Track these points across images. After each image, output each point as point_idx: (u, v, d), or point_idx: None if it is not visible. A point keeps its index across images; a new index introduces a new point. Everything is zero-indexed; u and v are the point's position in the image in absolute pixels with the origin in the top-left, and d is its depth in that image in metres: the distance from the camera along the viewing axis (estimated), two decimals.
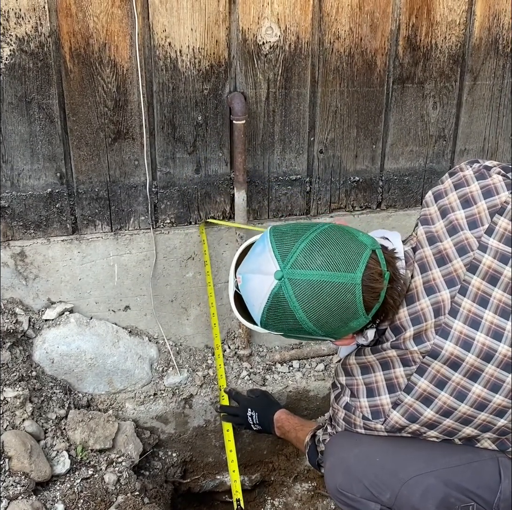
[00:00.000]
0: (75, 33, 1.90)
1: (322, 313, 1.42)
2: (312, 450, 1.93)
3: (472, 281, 1.47)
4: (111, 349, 2.20)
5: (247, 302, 1.49)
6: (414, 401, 1.51)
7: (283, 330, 1.49)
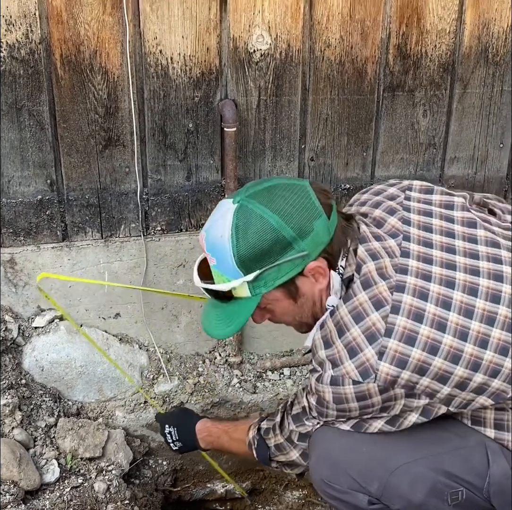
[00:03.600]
0: (66, 40, 1.89)
1: (286, 208, 1.48)
2: (261, 445, 1.81)
3: (411, 231, 1.57)
4: (101, 357, 2.19)
5: (215, 245, 1.51)
6: (398, 343, 1.46)
7: (255, 250, 1.47)
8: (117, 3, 1.88)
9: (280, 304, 1.57)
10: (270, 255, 1.47)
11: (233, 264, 1.48)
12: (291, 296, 1.55)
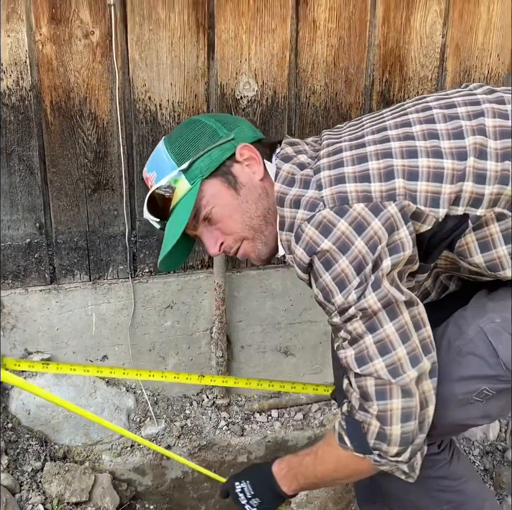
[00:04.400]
0: (56, 87, 1.93)
1: (213, 114, 1.64)
2: (350, 422, 1.52)
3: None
4: (88, 400, 2.19)
5: (152, 160, 1.61)
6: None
7: (184, 138, 1.55)
8: (107, 51, 1.92)
9: (224, 199, 1.54)
10: (200, 142, 1.54)
11: (168, 158, 1.55)
12: (231, 186, 1.54)
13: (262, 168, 1.55)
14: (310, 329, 2.41)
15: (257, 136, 1.61)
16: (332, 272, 1.42)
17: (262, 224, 1.56)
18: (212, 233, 1.58)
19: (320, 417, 2.39)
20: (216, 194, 1.54)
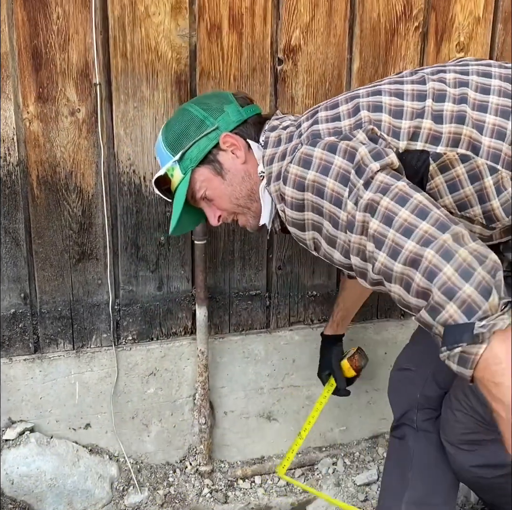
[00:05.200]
0: (42, 162, 1.99)
1: (202, 99, 1.79)
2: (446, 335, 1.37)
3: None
4: (71, 469, 2.18)
5: (156, 150, 1.81)
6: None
7: (176, 131, 1.74)
8: (92, 128, 1.99)
9: (212, 184, 1.74)
10: (189, 134, 1.72)
11: (164, 150, 1.76)
12: (217, 173, 1.73)
13: (243, 153, 1.72)
14: (292, 394, 2.43)
15: (242, 118, 1.74)
16: (326, 196, 1.51)
17: (247, 202, 1.75)
18: (211, 208, 1.80)
19: (304, 482, 2.39)
20: (205, 180, 1.74)
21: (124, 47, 1.95)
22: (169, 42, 1.97)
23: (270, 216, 1.74)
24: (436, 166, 1.55)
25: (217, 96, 1.80)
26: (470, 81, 1.60)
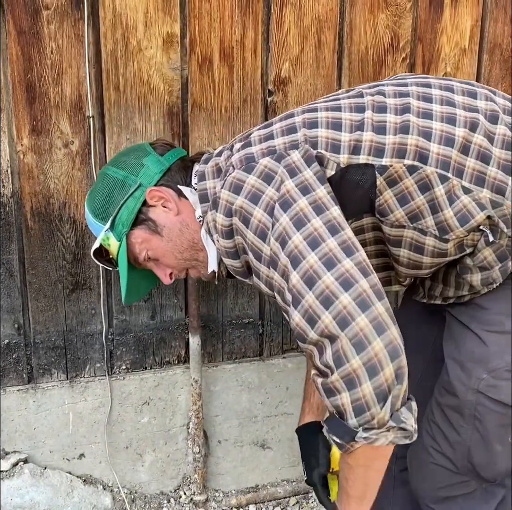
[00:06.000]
0: (36, 194, 2.01)
1: (119, 157, 1.71)
2: (332, 423, 1.42)
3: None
4: (65, 500, 2.18)
5: (92, 228, 1.73)
6: None
7: (101, 199, 1.66)
8: (86, 159, 2.01)
9: (152, 244, 1.66)
10: (114, 198, 1.64)
11: (93, 221, 1.68)
12: (153, 231, 1.64)
13: (174, 204, 1.63)
14: (286, 422, 2.43)
15: (164, 167, 1.66)
16: (251, 226, 1.46)
17: (193, 254, 1.67)
18: (159, 266, 1.71)
19: None
20: (143, 241, 1.66)
21: (117, 80, 1.98)
22: (161, 75, 2.01)
23: (217, 260, 1.66)
24: (384, 180, 1.48)
25: (133, 151, 1.72)
26: (411, 91, 1.55)
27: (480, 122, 1.51)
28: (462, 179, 1.48)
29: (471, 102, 1.54)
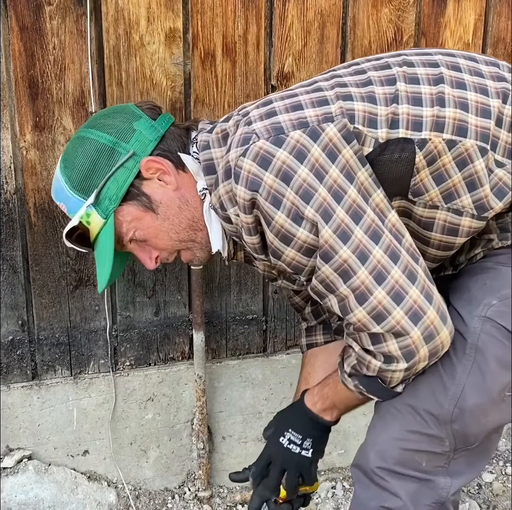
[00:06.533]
0: (39, 190, 2.00)
1: (102, 121, 1.49)
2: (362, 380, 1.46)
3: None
4: (70, 497, 2.18)
5: (56, 190, 1.54)
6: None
7: (82, 168, 1.45)
8: None
9: (143, 223, 1.48)
10: (99, 168, 1.44)
11: (71, 195, 1.46)
12: (147, 208, 1.47)
13: (173, 178, 1.47)
14: None
15: (159, 134, 1.49)
16: (283, 208, 1.34)
17: (191, 234, 1.52)
18: (144, 249, 1.54)
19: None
20: (134, 220, 1.48)
21: (120, 76, 1.97)
22: (163, 70, 2.00)
23: (222, 238, 1.52)
24: (424, 158, 1.39)
25: (120, 113, 1.51)
26: (439, 61, 1.47)
27: (510, 92, 1.45)
28: (496, 152, 1.41)
29: (497, 71, 1.49)
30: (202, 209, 1.49)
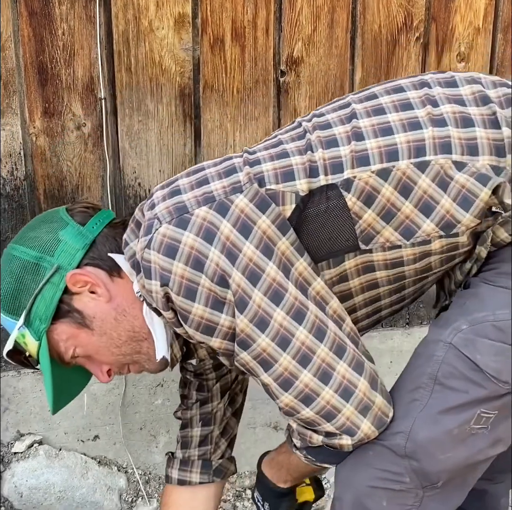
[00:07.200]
0: (49, 176, 2.01)
1: (28, 234, 1.38)
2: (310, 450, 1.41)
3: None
4: (80, 481, 2.19)
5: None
6: None
7: (8, 288, 1.34)
8: (98, 142, 2.01)
9: (81, 340, 1.37)
10: (26, 287, 1.33)
11: (3, 316, 1.37)
12: (81, 324, 1.35)
13: (103, 289, 1.35)
14: None
15: (88, 241, 1.36)
16: (199, 299, 1.22)
17: (134, 346, 1.40)
18: (93, 362, 1.44)
19: None
20: (70, 338, 1.37)
21: (129, 62, 1.97)
22: (172, 56, 2.00)
23: (167, 341, 1.39)
24: (357, 198, 1.25)
25: (46, 222, 1.39)
26: (350, 99, 1.37)
27: (435, 96, 1.32)
28: (452, 153, 1.25)
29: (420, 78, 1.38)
30: (142, 315, 1.36)
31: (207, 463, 1.73)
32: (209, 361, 1.68)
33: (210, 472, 1.73)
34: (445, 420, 1.29)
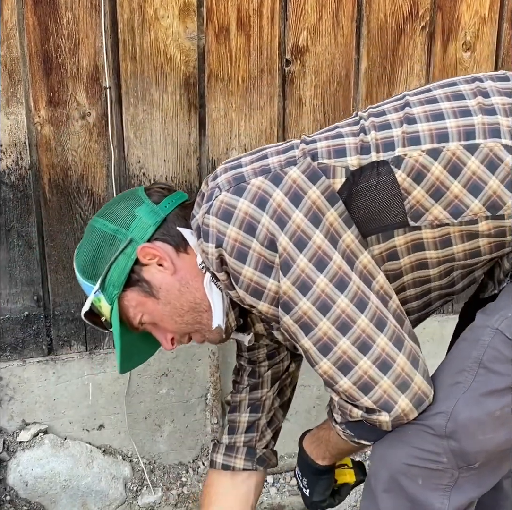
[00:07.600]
0: (54, 166, 2.00)
1: (108, 209, 1.54)
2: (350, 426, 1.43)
3: None
4: (85, 470, 2.20)
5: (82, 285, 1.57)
6: None
7: (88, 255, 1.50)
8: (102, 131, 2.00)
9: (148, 307, 1.49)
10: (103, 255, 1.47)
11: (82, 281, 1.53)
12: (148, 293, 1.48)
13: (170, 263, 1.47)
14: (303, 393, 2.44)
15: (159, 218, 1.49)
16: (250, 262, 1.30)
17: (195, 316, 1.50)
18: (159, 329, 1.55)
19: None
20: (138, 305, 1.50)
21: (133, 51, 1.96)
22: (177, 45, 1.99)
23: (223, 311, 1.48)
24: (406, 175, 1.30)
25: (125, 199, 1.54)
26: (406, 93, 1.44)
27: (487, 88, 1.39)
28: (501, 138, 1.29)
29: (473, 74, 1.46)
30: (204, 288, 1.47)
31: (252, 451, 1.77)
32: (263, 350, 1.77)
33: (254, 459, 1.77)
34: (488, 402, 1.31)
